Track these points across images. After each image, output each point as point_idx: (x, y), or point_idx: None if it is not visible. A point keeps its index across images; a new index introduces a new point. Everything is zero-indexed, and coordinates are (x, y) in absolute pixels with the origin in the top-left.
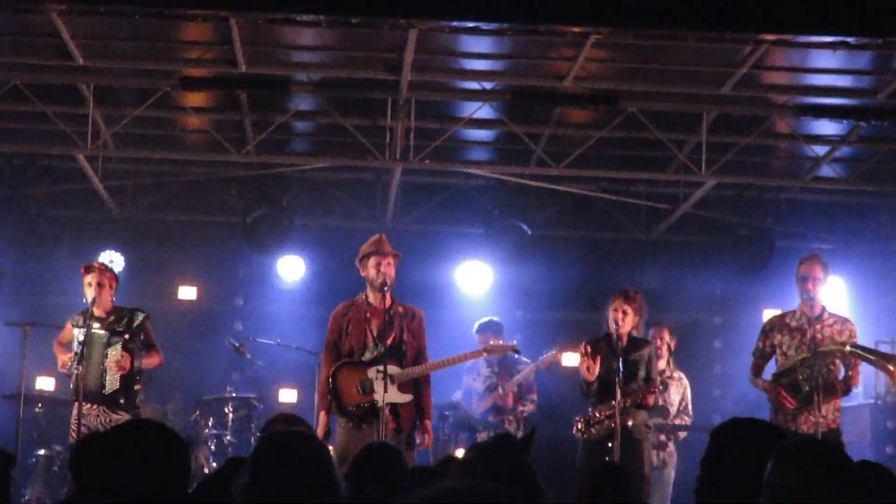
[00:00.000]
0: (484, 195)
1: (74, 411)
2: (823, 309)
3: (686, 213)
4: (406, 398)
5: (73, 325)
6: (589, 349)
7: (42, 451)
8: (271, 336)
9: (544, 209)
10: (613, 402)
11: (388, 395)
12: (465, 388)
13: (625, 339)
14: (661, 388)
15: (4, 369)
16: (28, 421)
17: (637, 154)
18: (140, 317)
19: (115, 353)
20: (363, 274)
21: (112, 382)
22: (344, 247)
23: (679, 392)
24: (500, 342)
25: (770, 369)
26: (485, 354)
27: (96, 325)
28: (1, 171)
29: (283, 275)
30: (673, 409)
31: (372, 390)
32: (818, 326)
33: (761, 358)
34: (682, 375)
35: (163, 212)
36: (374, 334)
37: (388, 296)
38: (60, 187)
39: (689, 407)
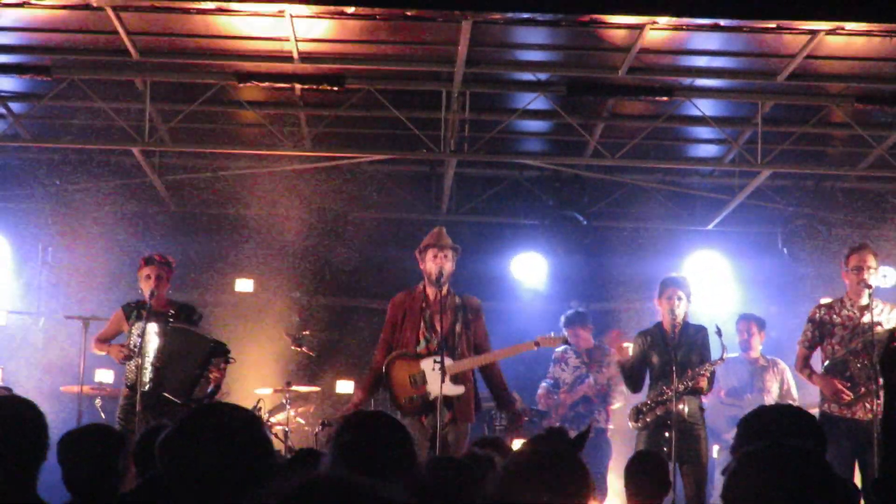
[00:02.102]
0: (539, 186)
1: (121, 401)
2: (872, 297)
3: (741, 203)
4: (459, 390)
5: (126, 318)
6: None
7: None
8: (328, 328)
9: (599, 200)
10: (666, 388)
11: (442, 386)
12: (551, 378)
13: (679, 325)
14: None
15: (65, 363)
16: (88, 413)
17: (692, 144)
18: (196, 318)
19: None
20: (421, 266)
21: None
22: (399, 239)
23: (776, 379)
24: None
25: (815, 358)
26: (534, 347)
27: (153, 320)
28: (59, 167)
29: (340, 266)
30: (771, 397)
31: (424, 382)
32: (868, 315)
33: (808, 348)
34: (779, 361)
35: (219, 205)
36: (429, 326)
37: (444, 287)
38: (118, 182)
39: (793, 391)
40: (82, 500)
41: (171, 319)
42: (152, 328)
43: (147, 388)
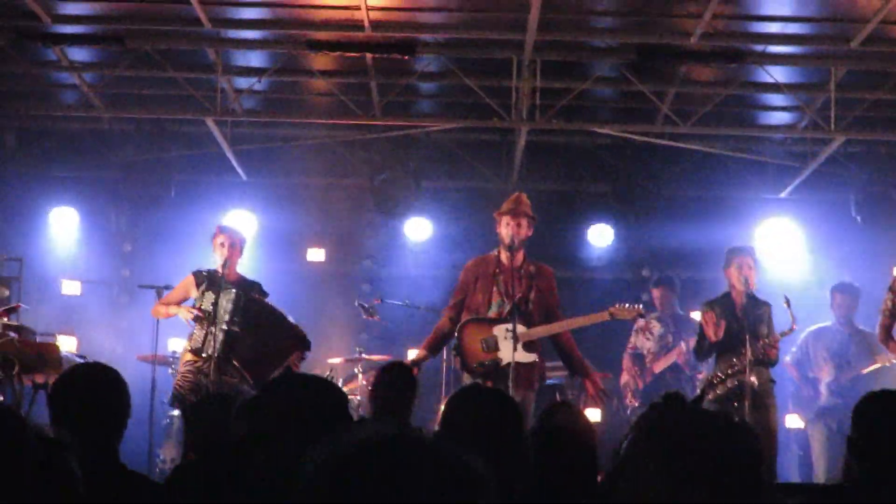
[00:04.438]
0: (609, 154)
1: (182, 367)
2: None
3: (814, 171)
4: (530, 357)
5: (197, 284)
6: (715, 310)
7: (176, 412)
8: (399, 297)
9: (670, 168)
10: (735, 359)
11: (510, 353)
12: (633, 348)
13: (747, 295)
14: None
15: (138, 332)
16: (162, 382)
17: (765, 111)
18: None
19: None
20: (498, 230)
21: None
22: (470, 208)
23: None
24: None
25: None
26: (608, 318)
27: (226, 288)
28: (133, 137)
29: (411, 236)
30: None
31: (496, 348)
32: None
33: (890, 317)
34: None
35: (290, 175)
36: (501, 291)
37: (519, 254)
38: (190, 152)
39: None
40: (206, 458)
41: (243, 289)
42: (227, 296)
43: (216, 353)
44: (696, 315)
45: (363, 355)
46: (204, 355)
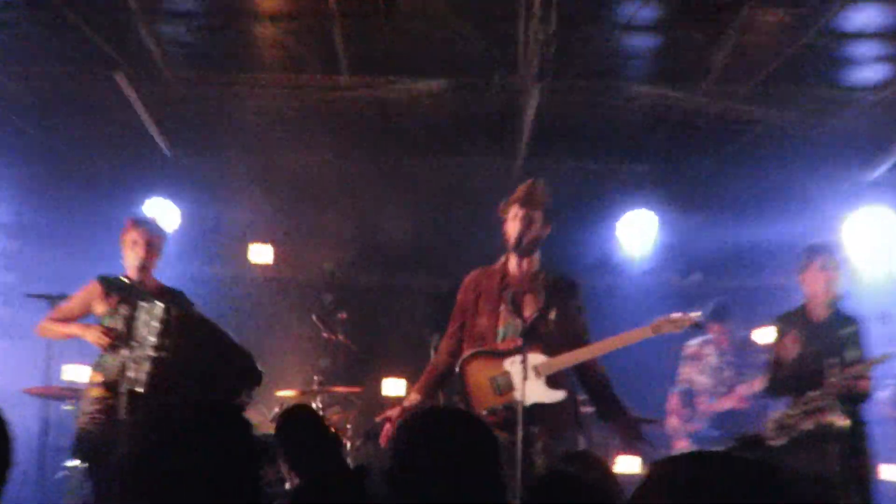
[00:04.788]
0: (647, 124)
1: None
2: None
3: None
4: (557, 396)
5: (105, 293)
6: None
7: (77, 464)
8: (370, 310)
9: (728, 141)
10: (813, 394)
11: (531, 391)
12: (684, 381)
13: (830, 307)
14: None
15: (25, 356)
16: (56, 423)
17: (849, 67)
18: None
19: None
20: (504, 228)
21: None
22: (465, 193)
23: None
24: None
25: None
26: (651, 334)
27: (145, 300)
28: (23, 100)
29: (384, 234)
30: None
31: (510, 387)
32: None
33: None
34: None
35: (230, 151)
36: (511, 310)
37: (532, 259)
38: (97, 119)
39: None
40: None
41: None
42: (148, 311)
43: (141, 387)
44: (763, 334)
45: (324, 387)
46: (122, 390)
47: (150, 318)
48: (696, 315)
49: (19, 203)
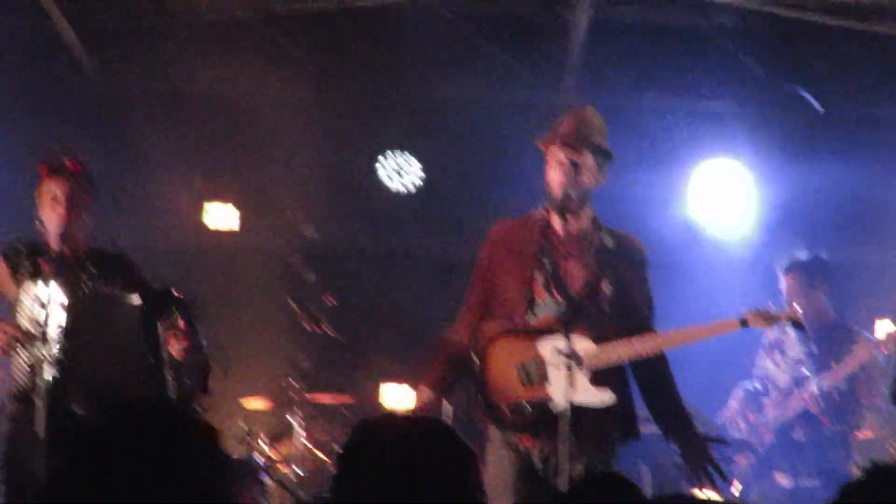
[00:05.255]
0: (737, 42)
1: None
2: None
3: None
4: (603, 398)
5: (13, 271)
6: None
7: None
8: (367, 292)
9: (845, 66)
10: None
11: (573, 389)
12: (760, 375)
13: None
14: None
15: None
16: None
17: None
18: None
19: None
20: (545, 174)
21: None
22: (490, 134)
23: None
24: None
25: None
26: (737, 328)
27: (63, 277)
28: None
29: (385, 181)
30: None
31: (543, 379)
32: None
33: None
34: None
35: (175, 72)
36: (551, 280)
37: (582, 215)
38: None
39: None
40: None
41: (93, 276)
42: (59, 293)
43: (48, 397)
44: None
45: (304, 394)
46: (38, 401)
47: (58, 304)
48: (792, 312)
49: None
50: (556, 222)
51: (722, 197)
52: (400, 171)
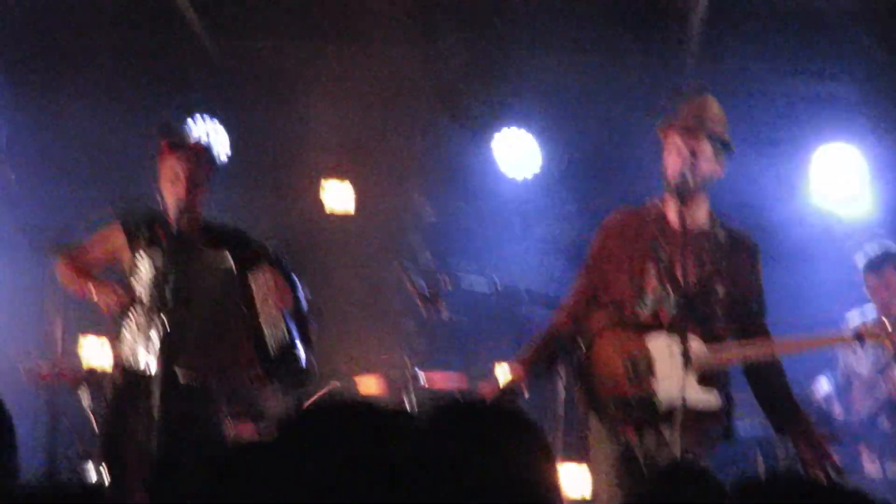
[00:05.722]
0: (858, 24)
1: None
2: None
3: None
4: (709, 400)
5: (130, 241)
6: None
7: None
8: (482, 271)
9: None
10: None
11: (681, 388)
12: (841, 366)
13: None
14: None
15: (24, 321)
16: (68, 410)
17: None
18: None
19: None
20: (663, 161)
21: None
22: (607, 113)
23: None
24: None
25: None
26: (853, 342)
27: (181, 250)
28: None
29: (504, 162)
30: None
31: (651, 374)
32: None
33: None
34: None
35: (294, 48)
36: (665, 273)
37: (699, 208)
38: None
39: None
40: None
41: (207, 249)
42: (174, 269)
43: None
44: None
45: (419, 373)
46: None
47: (175, 276)
48: None
49: (11, 119)
50: (672, 212)
51: (840, 184)
52: (208, 135)
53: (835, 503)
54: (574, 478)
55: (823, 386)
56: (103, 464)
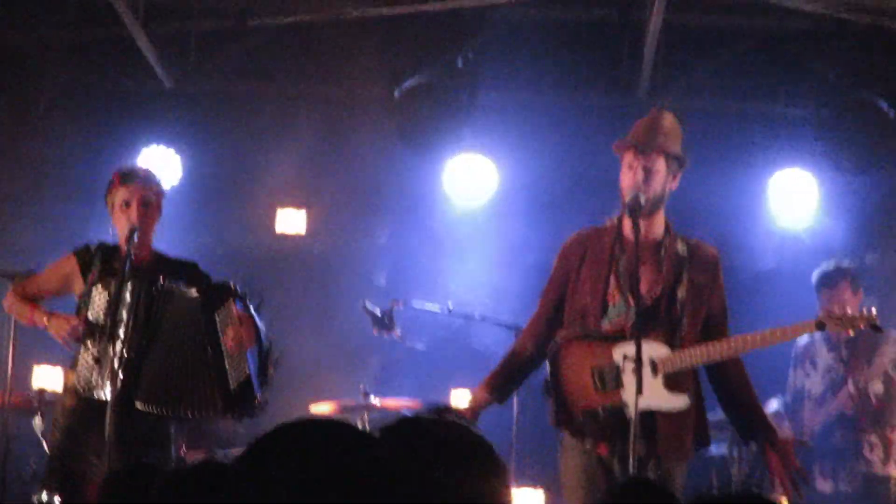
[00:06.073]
0: (812, 48)
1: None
2: None
3: None
4: (677, 402)
5: (83, 271)
6: None
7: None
8: (438, 298)
9: None
10: None
11: (645, 394)
12: (792, 388)
13: None
14: None
15: None
16: (23, 439)
17: None
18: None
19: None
20: (620, 180)
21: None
22: (569, 136)
23: None
24: (846, 309)
25: None
26: (812, 330)
27: (133, 280)
28: None
29: (455, 188)
30: None
31: (618, 385)
32: None
33: None
34: None
35: (248, 79)
36: (624, 283)
37: (655, 221)
38: (74, 35)
39: None
40: None
41: (159, 278)
42: (129, 294)
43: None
44: None
45: (372, 399)
46: (103, 397)
47: (129, 305)
48: (869, 313)
49: None
50: (628, 228)
51: (792, 203)
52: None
53: None
54: (530, 502)
55: (773, 405)
56: (54, 485)
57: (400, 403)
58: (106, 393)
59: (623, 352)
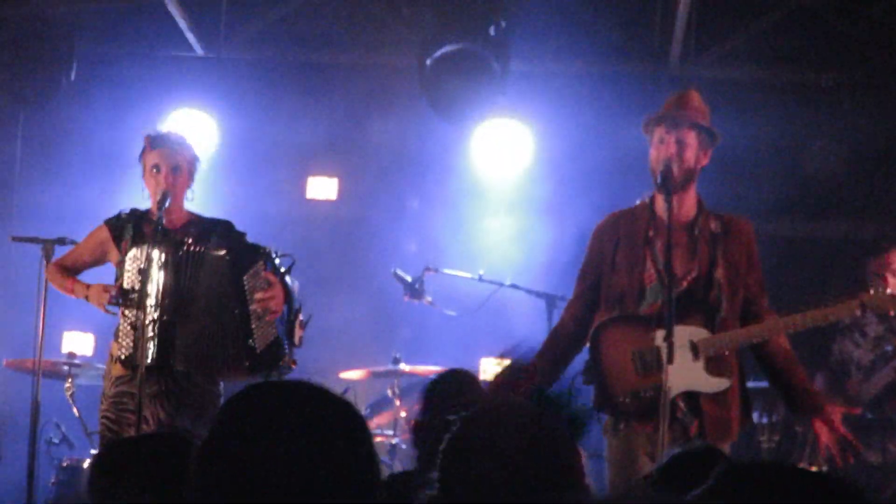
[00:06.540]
0: (841, 16)
1: (108, 387)
2: None
3: None
4: (718, 384)
5: (115, 239)
6: None
7: (66, 462)
8: (470, 265)
9: None
10: None
11: (682, 376)
12: (837, 359)
13: None
14: None
15: (9, 318)
16: (50, 408)
17: None
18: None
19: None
20: (649, 157)
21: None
22: (601, 105)
23: None
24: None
25: None
26: (856, 312)
27: (164, 245)
28: None
29: (487, 155)
30: None
31: (659, 367)
32: None
33: None
34: None
35: (279, 47)
36: (660, 266)
37: (687, 198)
38: (104, 2)
39: None
40: None
41: (192, 240)
42: (160, 259)
43: (151, 359)
44: None
45: (402, 366)
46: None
47: (159, 269)
48: None
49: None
50: (661, 207)
51: (828, 176)
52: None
53: (821, 490)
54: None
55: (818, 382)
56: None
57: (432, 369)
58: (149, 357)
59: (664, 335)
